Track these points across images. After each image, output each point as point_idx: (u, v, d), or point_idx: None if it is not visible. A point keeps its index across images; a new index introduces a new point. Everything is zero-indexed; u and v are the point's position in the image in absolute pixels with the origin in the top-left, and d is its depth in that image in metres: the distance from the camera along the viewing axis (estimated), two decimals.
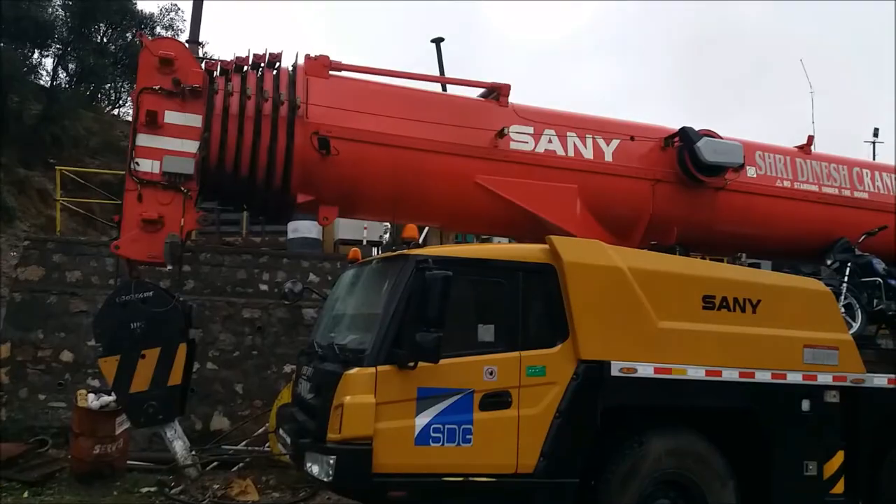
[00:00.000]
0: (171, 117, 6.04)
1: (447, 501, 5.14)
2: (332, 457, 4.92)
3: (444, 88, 7.74)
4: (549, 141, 6.75)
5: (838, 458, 6.00)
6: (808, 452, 5.91)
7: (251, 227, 14.40)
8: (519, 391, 5.23)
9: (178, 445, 6.55)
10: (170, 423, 6.43)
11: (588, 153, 6.85)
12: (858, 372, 6.15)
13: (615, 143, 6.93)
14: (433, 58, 15.08)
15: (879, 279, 7.30)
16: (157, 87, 6.03)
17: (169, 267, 6.26)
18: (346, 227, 13.25)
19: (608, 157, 6.90)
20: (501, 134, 6.53)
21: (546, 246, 5.56)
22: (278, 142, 6.08)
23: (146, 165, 6.00)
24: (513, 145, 6.61)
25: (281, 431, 6.22)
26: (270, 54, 6.33)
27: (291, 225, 12.92)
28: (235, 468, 8.56)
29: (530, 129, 6.70)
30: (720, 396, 5.72)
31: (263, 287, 11.10)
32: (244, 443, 9.25)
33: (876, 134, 21.08)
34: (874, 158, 15.51)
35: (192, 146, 6.04)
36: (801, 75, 33.38)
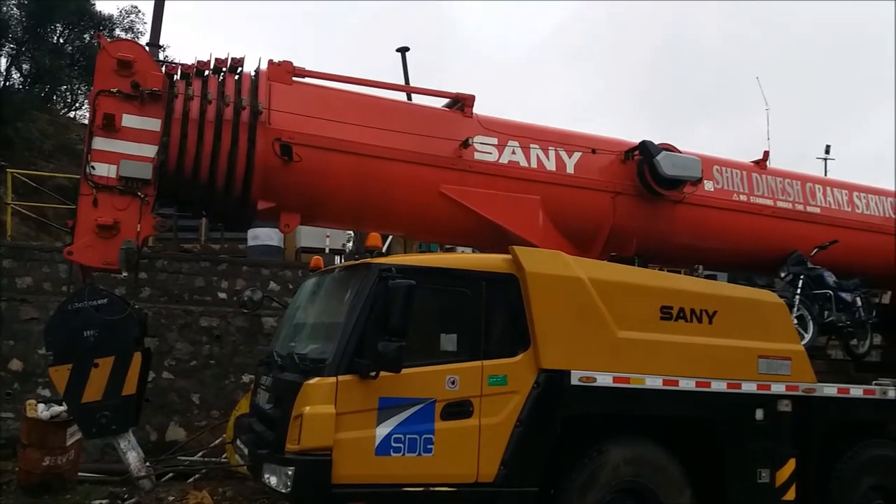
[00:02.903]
0: (129, 121, 5.91)
1: None
2: (291, 468, 4.87)
3: (409, 98, 7.74)
4: (513, 152, 6.81)
5: (790, 466, 6.14)
6: (761, 460, 6.04)
7: (210, 233, 14.21)
8: (480, 400, 5.24)
9: (132, 456, 6.38)
10: (123, 433, 6.26)
11: (551, 165, 6.92)
12: (810, 382, 6.32)
13: (577, 155, 7.02)
14: (399, 67, 15.11)
15: (830, 292, 7.51)
16: (114, 90, 5.90)
17: (124, 274, 6.10)
18: (309, 235, 13.16)
19: (570, 170, 6.98)
20: (466, 144, 6.56)
21: (509, 256, 5.61)
22: (239, 147, 6.00)
23: (102, 169, 5.87)
24: (477, 156, 6.65)
25: (238, 442, 6.13)
26: (233, 59, 6.27)
27: (252, 232, 12.76)
28: (191, 479, 8.38)
29: (494, 140, 6.74)
30: (677, 405, 5.82)
31: (222, 295, 10.95)
32: (200, 454, 9.07)
33: (827, 151, 21.85)
34: (826, 174, 16.00)
35: (150, 151, 5.93)
36: (760, 91, 34.29)
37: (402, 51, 14.99)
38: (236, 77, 6.27)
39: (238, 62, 6.27)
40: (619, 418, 5.76)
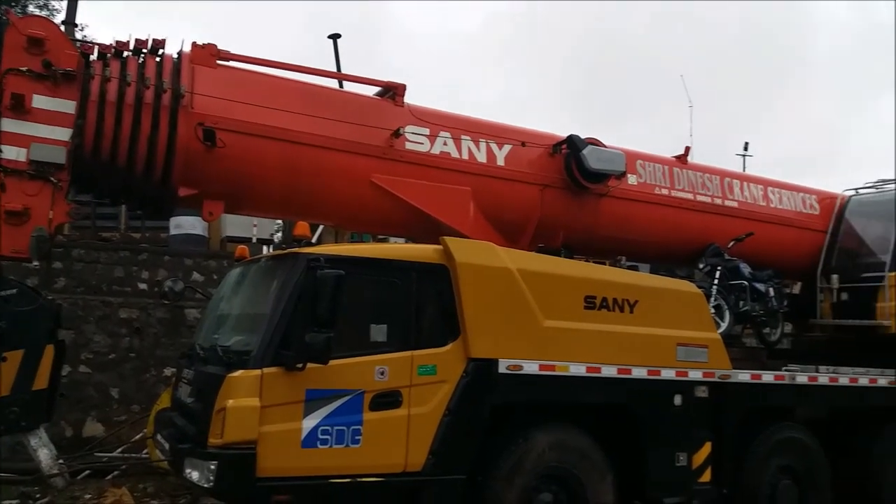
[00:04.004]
0: (41, 102, 5.62)
1: (335, 503, 5.07)
2: (214, 462, 4.77)
3: (340, 85, 7.63)
4: (445, 143, 6.82)
5: (706, 449, 6.40)
6: (679, 444, 6.27)
7: (130, 221, 13.68)
8: (410, 390, 5.26)
9: (44, 454, 6.14)
10: (34, 430, 6.02)
11: (482, 157, 6.97)
12: (725, 368, 6.59)
13: (507, 147, 7.09)
14: (331, 54, 14.88)
15: (745, 282, 7.85)
16: (24, 69, 5.60)
17: (35, 263, 5.85)
18: (235, 224, 12.86)
19: (500, 162, 7.05)
20: (397, 134, 6.53)
21: (439, 246, 5.63)
22: (159, 132, 5.79)
23: (11, 153, 5.56)
24: (408, 146, 6.63)
25: (159, 437, 5.97)
26: (154, 40, 6.03)
27: (174, 220, 12.37)
28: (110, 476, 8.12)
29: (426, 131, 6.74)
30: (600, 392, 5.98)
31: (142, 286, 10.60)
32: (120, 449, 8.78)
33: (746, 148, 22.83)
34: (744, 170, 16.71)
35: (63, 134, 5.66)
36: (684, 89, 35.54)
37: (334, 38, 14.76)
38: (157, 59, 6.04)
39: (159, 43, 6.04)
40: (546, 405, 5.88)
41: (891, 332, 8.11)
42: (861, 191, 9.28)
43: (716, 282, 7.58)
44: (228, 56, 6.21)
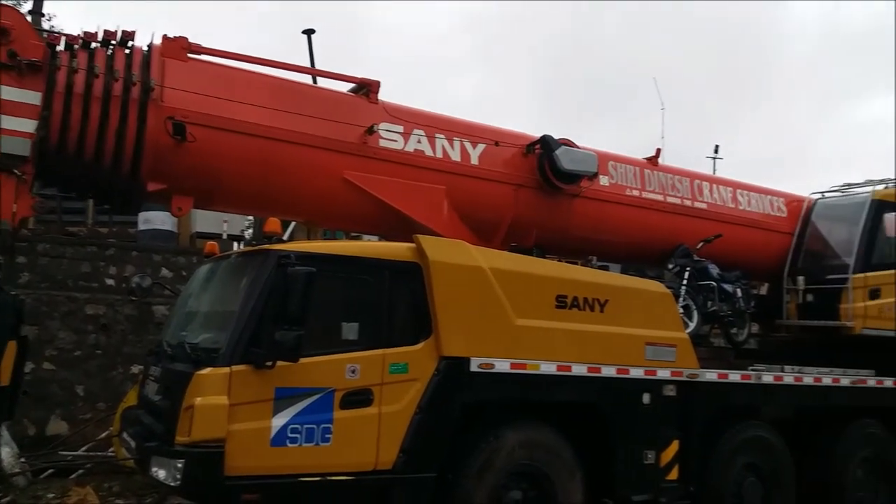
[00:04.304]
0: (5, 93, 5.47)
1: (304, 502, 5.04)
2: (181, 460, 4.71)
3: (314, 81, 7.56)
4: (419, 141, 6.79)
5: (674, 447, 6.48)
6: (647, 442, 6.34)
7: (98, 216, 13.42)
8: (381, 389, 5.24)
9: (5, 452, 6.02)
10: None
11: (456, 155, 6.96)
12: (693, 368, 6.67)
13: (481, 147, 7.09)
14: (305, 50, 14.74)
15: (714, 283, 7.95)
16: None
17: None
18: (205, 220, 12.71)
19: (474, 161, 7.05)
20: (371, 131, 6.49)
21: (412, 245, 5.62)
22: (128, 125, 5.68)
23: None
24: (382, 143, 6.59)
25: (125, 435, 5.87)
26: (123, 31, 5.91)
27: (143, 215, 12.19)
28: (74, 475, 7.98)
29: (400, 128, 6.71)
30: (570, 390, 6.02)
31: (110, 282, 10.43)
32: (84, 448, 8.62)
33: (716, 150, 23.19)
34: (714, 172, 16.94)
35: (28, 125, 5.52)
36: (657, 92, 35.86)
37: (308, 33, 14.63)
38: (127, 51, 5.92)
39: (129, 35, 5.93)
40: (517, 404, 5.90)
41: (854, 333, 8.29)
42: (827, 194, 9.45)
43: (684, 282, 7.66)
44: (200, 49, 6.11)
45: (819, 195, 9.46)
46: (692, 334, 7.09)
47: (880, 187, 8.93)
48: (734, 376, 7.16)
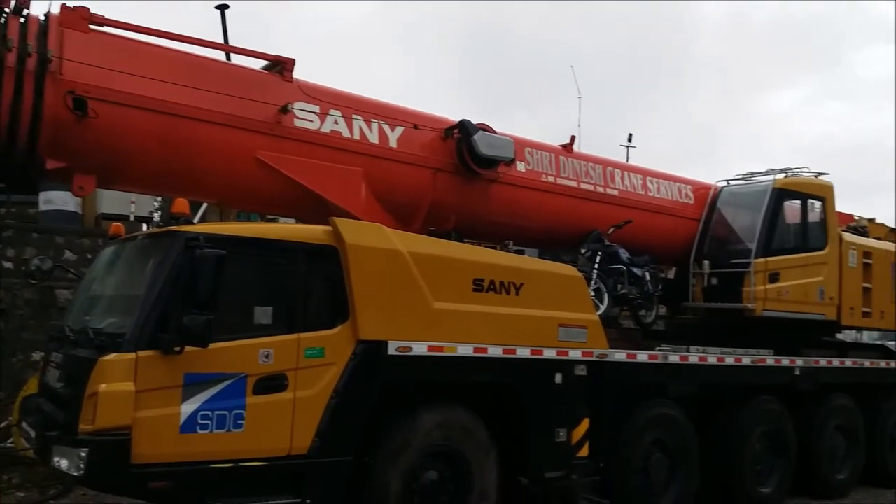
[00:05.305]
0: None
1: (217, 489, 4.94)
2: (84, 449, 4.57)
3: (228, 58, 7.31)
4: (335, 122, 6.67)
5: (584, 426, 6.70)
6: (559, 421, 6.53)
7: None
8: (296, 373, 5.20)
9: None
10: None
11: (374, 137, 6.89)
12: (603, 348, 6.90)
13: (399, 129, 7.05)
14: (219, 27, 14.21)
15: (623, 267, 8.22)
16: None
17: None
18: (111, 201, 12.16)
19: (393, 143, 7.00)
20: (285, 110, 6.33)
21: (329, 227, 5.56)
22: (24, 99, 5.34)
23: None
24: (297, 122, 6.44)
25: (25, 424, 5.63)
26: (17, 0, 5.56)
27: (44, 195, 11.54)
28: None
29: (316, 108, 6.57)
30: (486, 372, 6.13)
31: (8, 265, 9.88)
32: None
33: (630, 139, 23.73)
34: (628, 160, 17.45)
35: None
36: (574, 79, 36.62)
37: (221, 8, 14.11)
38: (21, 20, 5.56)
39: (24, 3, 5.56)
40: (434, 386, 5.96)
41: (755, 315, 8.73)
42: (732, 182, 9.85)
43: (596, 266, 7.88)
44: (103, 21, 5.79)
45: (724, 183, 9.87)
46: (603, 316, 7.31)
47: (781, 176, 9.39)
48: (642, 356, 7.45)
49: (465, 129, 7.22)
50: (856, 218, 11.14)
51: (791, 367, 8.80)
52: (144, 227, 11.50)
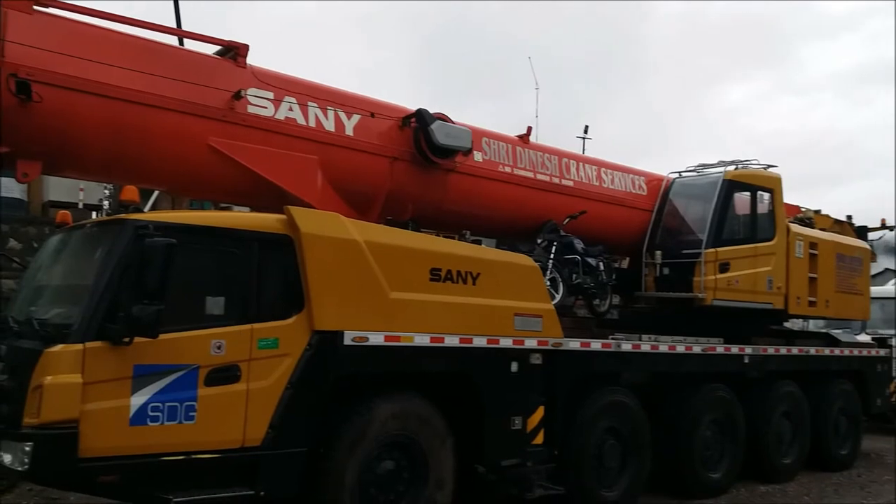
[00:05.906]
0: None
1: (168, 482, 4.86)
2: (29, 443, 4.47)
3: (181, 43, 7.13)
4: (290, 109, 6.58)
5: (539, 413, 6.77)
6: (515, 409, 6.59)
7: None
8: (249, 364, 5.15)
9: None
10: None
11: (330, 125, 6.81)
12: (558, 337, 6.99)
13: (356, 117, 6.98)
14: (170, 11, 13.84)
15: (578, 257, 8.32)
16: None
17: None
18: (59, 188, 11.84)
19: (349, 131, 6.93)
20: (238, 96, 6.21)
21: (284, 216, 5.50)
22: None
23: None
24: (251, 109, 6.32)
25: None
26: None
27: None
28: None
29: (270, 95, 6.46)
30: (443, 361, 6.15)
31: None
32: None
33: (586, 131, 23.97)
34: (584, 152, 17.65)
35: None
36: (531, 70, 36.81)
37: None
38: None
39: None
40: (391, 375, 5.96)
41: (706, 304, 8.93)
42: (684, 174, 10.05)
43: (552, 256, 7.96)
44: (48, 2, 5.60)
45: (676, 175, 10.06)
46: (558, 305, 7.39)
47: (731, 168, 9.61)
48: (596, 345, 7.56)
49: (422, 119, 7.20)
50: (802, 209, 11.48)
51: (740, 355, 9.05)
52: (94, 214, 11.19)
